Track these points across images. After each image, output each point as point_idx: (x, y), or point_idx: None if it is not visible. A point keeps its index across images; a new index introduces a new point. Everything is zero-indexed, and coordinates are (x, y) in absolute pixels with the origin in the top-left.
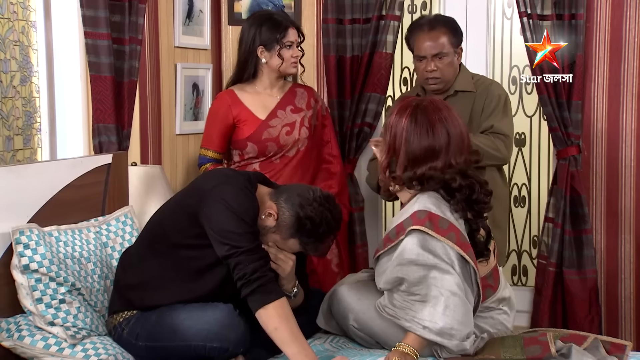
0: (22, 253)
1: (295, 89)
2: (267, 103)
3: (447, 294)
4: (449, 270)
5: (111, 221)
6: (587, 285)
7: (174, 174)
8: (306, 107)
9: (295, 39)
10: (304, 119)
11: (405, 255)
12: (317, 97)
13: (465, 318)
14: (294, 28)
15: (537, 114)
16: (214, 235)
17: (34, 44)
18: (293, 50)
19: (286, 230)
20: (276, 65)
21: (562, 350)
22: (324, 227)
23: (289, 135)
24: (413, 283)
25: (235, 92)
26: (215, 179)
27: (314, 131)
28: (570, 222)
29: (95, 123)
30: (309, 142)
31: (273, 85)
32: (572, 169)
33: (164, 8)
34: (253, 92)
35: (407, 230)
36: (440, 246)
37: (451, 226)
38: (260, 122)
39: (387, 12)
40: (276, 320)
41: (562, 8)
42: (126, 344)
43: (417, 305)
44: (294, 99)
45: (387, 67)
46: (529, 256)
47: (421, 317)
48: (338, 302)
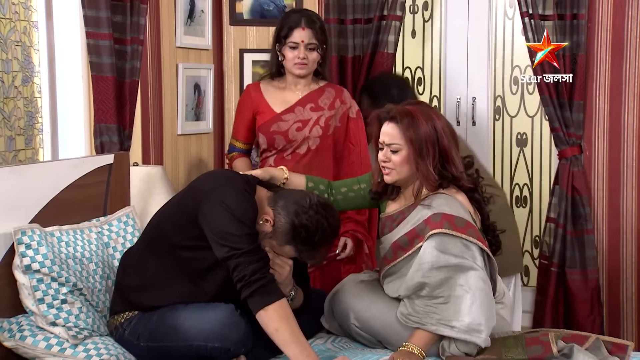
0: (23, 253)
1: (326, 88)
2: (288, 98)
3: (472, 289)
4: (472, 267)
5: (113, 221)
6: (589, 286)
7: (176, 174)
8: (328, 108)
9: (302, 40)
10: (320, 118)
11: (425, 260)
12: (345, 99)
13: (491, 312)
14: (307, 29)
15: (538, 114)
16: (213, 237)
17: (35, 44)
18: (299, 51)
19: (282, 237)
20: (287, 64)
21: (564, 350)
22: (319, 236)
23: (299, 131)
24: (435, 286)
25: (261, 85)
26: (214, 180)
27: (331, 132)
28: (572, 222)
29: (97, 123)
30: (321, 142)
31: (297, 83)
32: (573, 169)
33: (166, 8)
34: (278, 87)
35: (427, 236)
36: (461, 244)
37: (468, 224)
38: (274, 115)
39: (389, 12)
40: (277, 321)
41: (564, 8)
42: (127, 344)
43: (441, 307)
44: (318, 97)
45: (389, 67)
46: (530, 256)
47: (447, 318)
48: (339, 301)
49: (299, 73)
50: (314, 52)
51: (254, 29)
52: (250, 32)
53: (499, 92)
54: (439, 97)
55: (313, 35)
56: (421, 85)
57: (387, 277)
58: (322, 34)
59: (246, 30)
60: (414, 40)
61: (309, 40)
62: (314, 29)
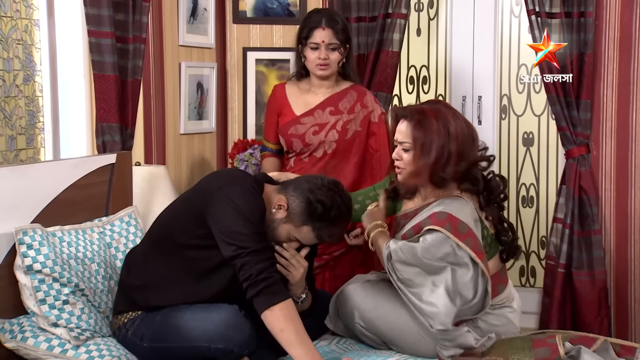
0: (25, 253)
1: (349, 91)
2: (310, 101)
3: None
4: (460, 265)
5: (115, 221)
6: (597, 287)
7: (178, 174)
8: (347, 112)
9: (322, 41)
10: (337, 122)
11: (414, 251)
12: (367, 103)
13: (453, 304)
14: (327, 29)
15: (545, 113)
16: (220, 236)
17: (37, 42)
18: (320, 51)
19: (298, 218)
20: (309, 65)
21: (571, 352)
22: (335, 211)
23: (316, 135)
24: (410, 277)
25: (286, 85)
26: (221, 179)
27: (349, 136)
28: (579, 222)
29: (99, 122)
30: (338, 146)
31: (320, 84)
32: (580, 169)
33: (168, 6)
34: (302, 88)
35: (425, 229)
36: (451, 249)
37: (469, 232)
38: (293, 117)
39: (394, 10)
40: (282, 322)
41: (571, 6)
42: (130, 345)
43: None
44: (339, 101)
45: (394, 66)
46: (537, 257)
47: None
48: (345, 301)
49: (321, 74)
50: (335, 52)
51: (257, 27)
52: (254, 31)
53: (505, 91)
54: (444, 95)
55: (334, 35)
56: (426, 84)
57: None
58: (344, 34)
59: (249, 29)
60: (419, 39)
61: (329, 40)
62: (335, 29)
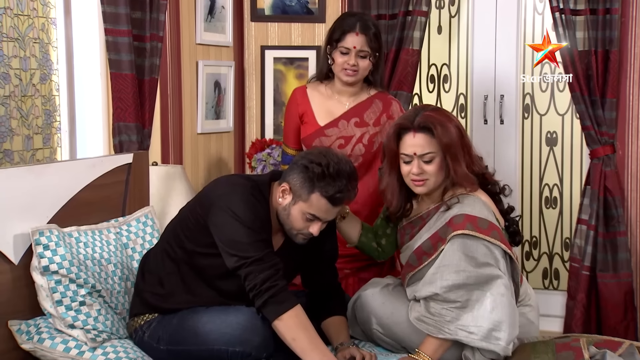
0: (41, 254)
1: (375, 99)
2: (333, 109)
3: (494, 295)
4: (494, 272)
5: (132, 222)
6: (622, 289)
7: (195, 174)
8: (373, 124)
9: (354, 47)
10: (363, 136)
11: (445, 262)
12: (393, 114)
13: (513, 319)
14: (360, 35)
15: (569, 112)
16: (222, 247)
17: (53, 41)
18: (349, 57)
19: (303, 190)
20: (335, 68)
21: (596, 356)
22: (334, 165)
23: (341, 148)
24: (453, 289)
25: (307, 89)
26: (221, 187)
27: (375, 149)
28: (604, 224)
29: (116, 122)
30: (364, 159)
31: (344, 92)
32: (605, 169)
33: (186, 4)
34: (325, 93)
35: (448, 238)
36: (483, 247)
37: (491, 225)
38: (317, 128)
39: (414, 8)
40: (293, 330)
41: (597, 2)
42: (147, 347)
43: (457, 311)
44: (364, 111)
45: (414, 64)
46: (560, 259)
47: (465, 323)
48: (362, 307)
49: (347, 80)
50: (365, 59)
51: (275, 25)
52: (272, 29)
53: (528, 90)
54: (465, 94)
55: (366, 42)
56: (447, 82)
57: (411, 284)
58: (377, 42)
59: (267, 27)
60: (440, 37)
61: (361, 47)
62: (368, 36)
